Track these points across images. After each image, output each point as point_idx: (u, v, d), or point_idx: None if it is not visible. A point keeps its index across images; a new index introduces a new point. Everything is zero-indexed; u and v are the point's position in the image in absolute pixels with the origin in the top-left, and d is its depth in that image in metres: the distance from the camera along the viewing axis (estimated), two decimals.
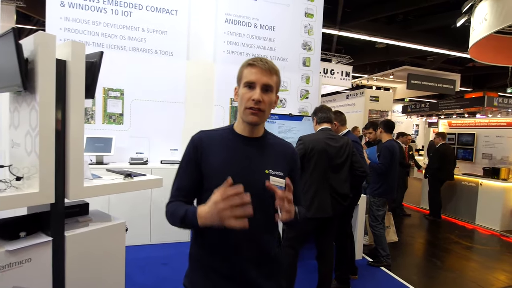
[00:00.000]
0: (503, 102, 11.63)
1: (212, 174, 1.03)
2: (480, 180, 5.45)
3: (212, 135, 1.10)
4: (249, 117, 1.02)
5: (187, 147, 1.09)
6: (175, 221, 1.02)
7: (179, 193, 1.09)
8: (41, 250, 1.56)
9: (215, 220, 0.87)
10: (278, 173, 1.07)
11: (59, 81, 1.56)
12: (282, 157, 1.13)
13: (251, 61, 1.03)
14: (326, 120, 2.51)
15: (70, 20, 3.54)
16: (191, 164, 1.07)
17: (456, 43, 8.49)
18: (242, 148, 1.07)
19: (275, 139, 1.17)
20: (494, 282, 3.22)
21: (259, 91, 1.00)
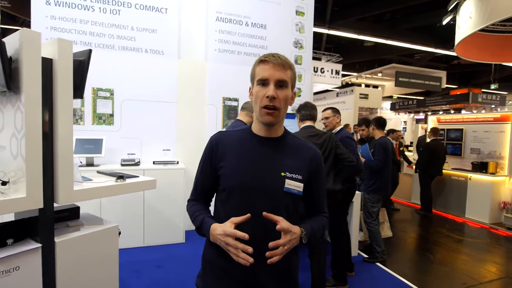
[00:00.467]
0: (487, 98, 11.96)
1: (226, 175, 1.03)
2: (469, 175, 5.57)
3: (230, 135, 1.10)
4: (265, 118, 0.99)
5: (206, 147, 1.10)
6: (194, 223, 1.08)
7: (197, 192, 1.15)
8: (30, 257, 1.49)
9: (222, 246, 0.95)
10: (296, 176, 1.02)
11: (45, 80, 1.49)
12: (301, 159, 1.06)
13: (263, 58, 1.00)
14: (309, 118, 2.53)
15: (56, 18, 3.43)
16: (207, 165, 1.09)
17: (442, 41, 8.66)
18: (258, 149, 1.04)
19: (295, 140, 1.11)
20: (486, 274, 3.28)
21: (273, 87, 0.96)
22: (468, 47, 6.81)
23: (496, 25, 6.52)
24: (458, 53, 6.94)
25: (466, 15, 5.60)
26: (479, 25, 5.16)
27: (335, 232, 2.84)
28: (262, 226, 0.97)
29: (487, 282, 3.10)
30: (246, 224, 0.94)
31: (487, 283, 3.09)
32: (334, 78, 8.99)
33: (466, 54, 7.13)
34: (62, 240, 1.61)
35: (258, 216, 0.95)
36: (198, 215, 1.06)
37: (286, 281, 1.07)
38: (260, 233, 0.97)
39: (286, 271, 1.06)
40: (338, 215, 2.85)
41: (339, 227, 2.83)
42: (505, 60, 7.90)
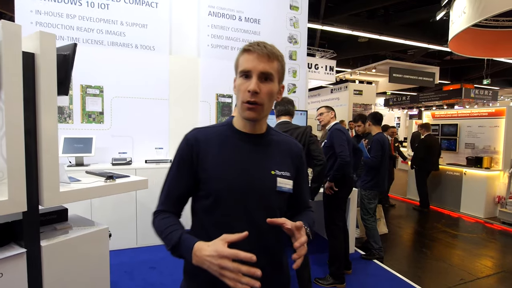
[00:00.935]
0: (479, 94, 12.06)
1: (211, 178, 0.90)
2: (464, 170, 5.59)
3: (208, 133, 0.96)
4: (246, 113, 0.89)
5: (180, 148, 0.95)
6: (164, 242, 0.87)
7: (169, 201, 0.95)
8: (14, 263, 1.41)
9: (212, 270, 0.75)
10: (285, 173, 0.96)
11: (27, 76, 1.41)
12: (288, 155, 1.01)
13: (246, 47, 0.89)
14: (284, 113, 2.49)
15: (41, 13, 3.31)
16: (184, 167, 0.93)
17: (435, 36, 8.68)
18: (243, 147, 0.94)
19: (279, 135, 1.04)
20: (482, 269, 3.29)
21: (256, 80, 0.86)
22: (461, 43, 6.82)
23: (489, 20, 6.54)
24: (451, 49, 6.95)
25: (460, 10, 5.59)
26: (473, 20, 5.16)
27: (330, 229, 2.80)
28: (257, 234, 0.88)
29: (484, 277, 3.10)
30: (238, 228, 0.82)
31: (484, 278, 3.09)
32: (328, 75, 8.96)
33: (460, 49, 7.15)
34: (48, 244, 1.54)
35: (253, 223, 0.88)
36: (172, 231, 0.85)
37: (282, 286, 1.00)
38: (255, 241, 0.87)
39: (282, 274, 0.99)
40: (332, 212, 2.81)
41: (334, 224, 2.79)
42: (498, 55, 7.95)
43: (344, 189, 2.82)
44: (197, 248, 0.78)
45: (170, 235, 0.85)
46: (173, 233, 0.85)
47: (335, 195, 2.77)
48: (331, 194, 2.78)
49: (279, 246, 0.97)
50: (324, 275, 2.88)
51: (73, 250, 1.65)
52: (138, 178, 2.06)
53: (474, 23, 5.21)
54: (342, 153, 2.66)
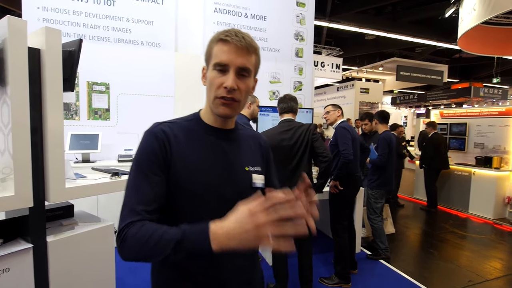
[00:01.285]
0: (489, 92, 11.84)
1: (187, 179, 0.80)
2: (473, 170, 5.50)
3: (176, 128, 0.85)
4: (220, 109, 0.82)
5: (147, 145, 0.81)
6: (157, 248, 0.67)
7: (144, 208, 0.75)
8: (21, 258, 1.42)
9: (250, 240, 0.61)
10: (257, 169, 0.93)
11: (33, 72, 1.40)
12: (257, 150, 0.98)
13: (223, 36, 0.80)
14: (286, 111, 2.48)
15: (48, 10, 3.32)
16: (157, 166, 0.79)
17: (444, 34, 8.55)
18: (216, 144, 0.88)
19: (246, 130, 1.00)
20: (491, 271, 3.23)
21: (233, 76, 0.79)
22: (471, 40, 6.70)
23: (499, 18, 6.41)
24: (460, 46, 6.83)
25: (470, 7, 5.49)
26: (483, 17, 5.06)
27: (335, 228, 2.77)
28: None
29: (493, 279, 3.04)
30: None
31: (493, 280, 3.04)
32: (334, 72, 8.88)
33: (469, 47, 7.02)
34: (54, 240, 1.54)
35: None
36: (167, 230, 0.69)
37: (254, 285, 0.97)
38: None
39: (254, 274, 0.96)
40: (337, 211, 2.78)
41: (339, 223, 2.76)
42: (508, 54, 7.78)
43: (349, 188, 2.78)
44: (216, 228, 0.65)
45: (165, 235, 0.68)
46: (169, 232, 0.68)
47: (340, 194, 2.74)
48: (336, 193, 2.75)
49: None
50: (329, 275, 2.86)
51: (79, 246, 1.66)
52: None
53: (484, 21, 5.11)
54: (345, 151, 2.62)
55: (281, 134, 2.37)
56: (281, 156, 2.36)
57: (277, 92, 4.46)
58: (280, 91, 4.47)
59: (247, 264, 0.92)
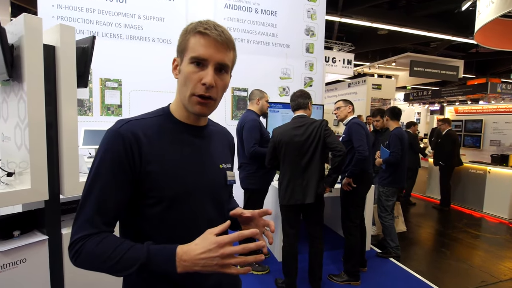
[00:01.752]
0: (507, 88, 11.45)
1: (160, 181, 0.75)
2: (488, 168, 5.35)
3: (145, 126, 0.78)
4: (196, 107, 0.77)
5: (111, 146, 0.73)
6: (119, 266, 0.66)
7: (102, 220, 0.71)
8: (37, 249, 1.47)
9: (210, 267, 0.65)
10: (228, 165, 0.93)
11: (48, 68, 1.44)
12: (226, 146, 0.98)
13: (201, 28, 0.74)
14: (296, 107, 2.51)
15: (63, 7, 3.38)
16: (123, 170, 0.72)
17: (460, 28, 8.29)
18: (190, 141, 0.83)
19: (215, 126, 0.97)
20: (505, 272, 3.15)
21: (212, 72, 0.74)
22: (488, 34, 6.48)
23: None
24: (477, 41, 6.62)
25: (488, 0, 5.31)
26: (502, 10, 4.88)
27: (347, 226, 2.75)
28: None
29: (507, 280, 2.97)
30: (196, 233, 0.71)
31: (507, 281, 2.96)
32: (346, 68, 8.75)
33: (487, 41, 6.79)
34: (69, 232, 1.58)
35: (212, 221, 0.80)
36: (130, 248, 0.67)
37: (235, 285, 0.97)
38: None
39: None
40: (349, 208, 2.76)
41: (351, 221, 2.74)
42: None
43: (363, 185, 2.75)
44: (182, 252, 0.66)
45: (128, 253, 0.66)
46: (132, 250, 0.66)
47: (353, 191, 2.71)
48: (348, 190, 2.72)
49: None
50: (338, 272, 2.85)
51: None
52: None
53: (503, 14, 4.93)
54: (361, 147, 2.59)
55: (293, 130, 2.39)
56: (293, 151, 2.37)
57: (287, 88, 4.43)
58: (290, 87, 4.44)
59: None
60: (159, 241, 0.71)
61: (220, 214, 0.87)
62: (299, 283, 2.60)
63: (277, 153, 2.44)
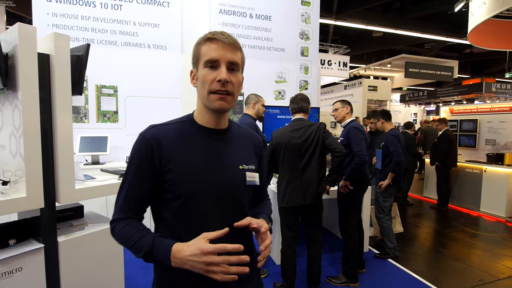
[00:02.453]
0: (501, 88, 11.55)
1: (179, 179, 0.84)
2: (484, 167, 5.38)
3: (169, 130, 0.89)
4: (216, 103, 0.84)
5: (138, 148, 0.87)
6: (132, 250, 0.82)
7: (128, 208, 0.87)
8: (33, 257, 1.47)
9: (197, 269, 0.73)
10: (251, 167, 0.96)
11: (42, 76, 1.45)
12: (251, 148, 1.01)
13: (210, 35, 0.85)
14: (297, 111, 2.53)
15: (58, 15, 3.40)
16: (145, 169, 0.85)
17: (453, 29, 8.39)
18: (210, 144, 0.90)
19: (240, 128, 1.03)
20: (503, 270, 3.16)
21: (225, 69, 0.83)
22: (481, 35, 6.56)
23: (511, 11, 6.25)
24: (471, 41, 6.69)
25: (480, 0, 5.38)
26: (494, 11, 4.95)
27: (345, 228, 2.76)
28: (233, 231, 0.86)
29: (505, 279, 2.98)
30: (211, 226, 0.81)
31: (505, 279, 2.98)
32: (341, 71, 8.81)
33: (480, 42, 6.87)
34: (65, 240, 1.59)
35: (228, 220, 0.85)
36: (141, 237, 0.81)
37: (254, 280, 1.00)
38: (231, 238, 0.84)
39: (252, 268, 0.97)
40: (347, 211, 2.77)
41: (349, 223, 2.75)
42: None
43: (359, 187, 2.77)
44: (176, 250, 0.76)
45: (139, 242, 0.80)
46: (143, 239, 0.81)
47: (350, 194, 2.72)
48: (346, 193, 2.73)
49: (248, 237, 0.96)
50: (337, 274, 2.85)
51: (89, 246, 1.70)
52: None
53: (495, 14, 4.99)
54: (360, 152, 2.60)
55: (291, 133, 2.42)
56: (291, 154, 2.39)
57: (282, 92, 4.46)
58: (286, 90, 4.47)
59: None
60: (179, 231, 0.85)
61: (239, 212, 0.91)
62: (298, 286, 2.60)
63: (276, 155, 2.46)
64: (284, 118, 3.78)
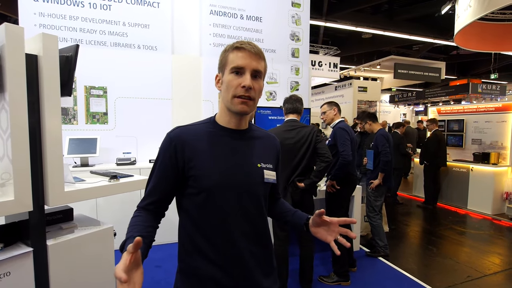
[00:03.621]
0: (487, 89, 11.85)
1: (202, 176, 0.92)
2: (471, 166, 5.52)
3: (192, 130, 0.97)
4: (239, 107, 0.91)
5: (164, 146, 0.96)
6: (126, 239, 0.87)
7: (153, 198, 0.97)
8: (21, 262, 1.44)
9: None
10: (269, 165, 1.03)
11: (30, 78, 1.43)
12: (270, 149, 1.09)
13: (238, 44, 0.93)
14: (291, 111, 2.54)
15: (45, 15, 3.34)
16: (169, 166, 0.94)
17: (440, 31, 8.57)
18: (230, 143, 0.98)
19: (259, 131, 1.11)
20: (490, 266, 3.25)
21: (249, 76, 0.90)
22: (467, 37, 6.73)
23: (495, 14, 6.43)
24: (457, 43, 6.86)
25: (466, 3, 5.52)
26: (479, 14, 5.08)
27: None
28: (250, 223, 0.96)
29: (491, 274, 3.07)
30: (236, 223, 0.93)
31: (491, 275, 3.06)
32: (332, 72, 8.90)
33: (466, 43, 7.05)
34: (54, 243, 1.56)
35: (245, 213, 0.95)
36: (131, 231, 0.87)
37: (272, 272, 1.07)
38: (250, 230, 0.96)
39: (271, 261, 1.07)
40: (335, 210, 2.80)
41: None
42: (505, 49, 7.82)
43: (346, 187, 2.81)
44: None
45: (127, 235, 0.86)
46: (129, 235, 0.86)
47: (337, 193, 2.76)
48: (333, 192, 2.77)
49: (266, 229, 1.04)
50: (328, 273, 2.88)
51: (79, 249, 1.68)
52: (141, 177, 2.08)
53: (480, 17, 5.13)
54: (344, 152, 2.64)
55: (284, 133, 2.43)
56: (283, 153, 2.38)
57: (274, 93, 4.48)
58: (277, 91, 4.50)
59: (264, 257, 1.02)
60: (201, 223, 0.93)
61: (257, 206, 0.98)
62: (290, 285, 2.62)
63: None
64: (276, 119, 3.80)
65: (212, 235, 0.93)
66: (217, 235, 0.93)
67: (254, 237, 0.97)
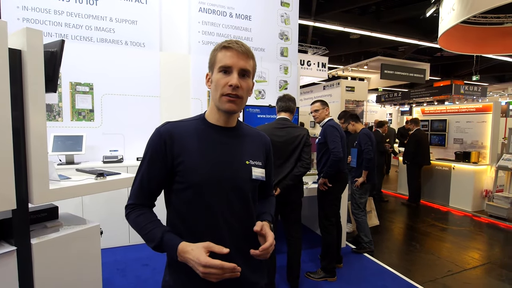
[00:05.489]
0: (469, 90, 12.23)
1: (189, 171, 0.93)
2: (453, 164, 5.70)
3: (181, 126, 0.99)
4: (226, 105, 0.93)
5: (152, 141, 0.97)
6: (144, 238, 0.93)
7: (142, 194, 0.98)
8: (4, 261, 1.41)
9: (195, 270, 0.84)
10: (258, 163, 1.04)
11: (14, 73, 1.39)
12: (259, 146, 1.10)
13: (225, 44, 0.94)
14: (284, 109, 2.56)
15: (28, 9, 3.25)
16: (158, 160, 0.95)
17: (425, 33, 8.79)
18: (218, 139, 0.99)
19: (248, 128, 1.12)
20: (469, 261, 3.38)
21: (237, 75, 0.92)
22: (450, 39, 6.93)
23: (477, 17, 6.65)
24: (441, 45, 7.05)
25: (449, 7, 5.67)
26: (461, 17, 5.24)
27: (324, 225, 2.84)
28: (238, 219, 0.98)
29: (471, 269, 3.19)
30: (223, 219, 0.94)
31: (471, 269, 3.18)
32: (320, 71, 8.99)
33: (449, 46, 7.26)
34: (39, 242, 1.54)
35: (233, 210, 0.96)
36: (153, 229, 0.92)
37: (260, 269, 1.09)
38: (237, 226, 0.98)
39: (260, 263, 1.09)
40: (326, 208, 2.85)
41: (328, 220, 2.83)
42: (486, 52, 8.09)
43: (338, 185, 2.85)
44: (181, 250, 0.86)
45: (151, 233, 0.91)
46: (154, 231, 0.91)
47: (329, 191, 2.80)
48: (324, 190, 2.81)
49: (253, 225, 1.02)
50: (315, 269, 2.93)
51: (64, 248, 1.65)
52: (129, 175, 2.06)
53: (462, 20, 5.29)
54: (335, 149, 2.68)
55: (273, 131, 2.43)
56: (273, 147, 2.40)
57: (263, 91, 4.50)
58: (266, 90, 4.52)
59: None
60: (187, 218, 0.95)
61: (244, 203, 1.00)
62: (278, 281, 2.65)
63: None
64: (265, 117, 3.83)
65: (199, 231, 0.94)
66: (205, 231, 0.94)
67: (241, 233, 0.98)
